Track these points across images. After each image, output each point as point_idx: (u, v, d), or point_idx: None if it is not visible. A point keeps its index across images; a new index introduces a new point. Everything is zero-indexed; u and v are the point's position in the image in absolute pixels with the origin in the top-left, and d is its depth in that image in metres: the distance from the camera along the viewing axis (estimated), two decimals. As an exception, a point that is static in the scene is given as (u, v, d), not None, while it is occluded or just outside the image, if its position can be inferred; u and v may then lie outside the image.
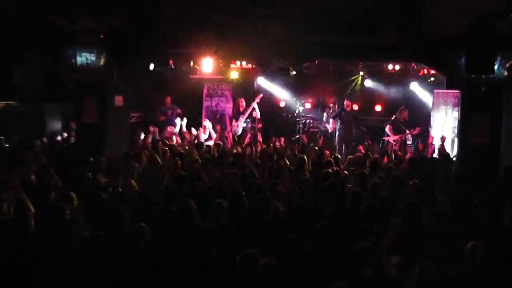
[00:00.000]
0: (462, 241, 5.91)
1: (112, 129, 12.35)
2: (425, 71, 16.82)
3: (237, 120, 16.26)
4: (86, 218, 6.96)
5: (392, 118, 15.70)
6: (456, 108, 12.82)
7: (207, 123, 16.24)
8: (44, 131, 14.63)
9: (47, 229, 6.27)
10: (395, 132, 15.33)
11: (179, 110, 16.71)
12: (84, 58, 11.50)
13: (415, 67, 16.71)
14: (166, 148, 11.54)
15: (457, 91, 12.32)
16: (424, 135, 15.62)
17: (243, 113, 16.19)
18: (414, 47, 11.56)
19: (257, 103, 16.16)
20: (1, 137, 12.87)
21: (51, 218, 6.39)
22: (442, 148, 12.64)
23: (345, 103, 16.16)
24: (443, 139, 12.02)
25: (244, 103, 16.34)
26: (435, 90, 15.76)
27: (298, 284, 5.39)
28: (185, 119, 16.35)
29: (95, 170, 8.90)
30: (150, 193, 8.20)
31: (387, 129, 15.59)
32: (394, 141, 15.17)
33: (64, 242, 5.97)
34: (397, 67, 16.37)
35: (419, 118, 16.26)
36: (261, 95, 16.45)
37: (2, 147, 12.22)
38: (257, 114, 16.30)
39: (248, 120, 16.30)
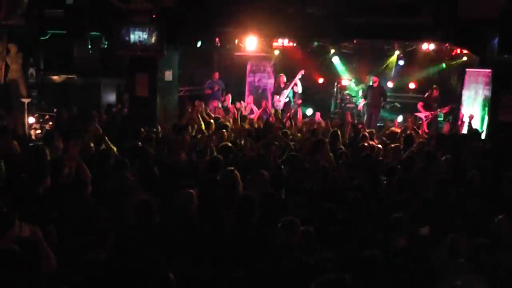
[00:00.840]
0: (490, 215, 5.84)
1: (162, 102, 12.50)
2: (458, 51, 16.45)
3: (278, 95, 16.19)
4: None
5: (425, 96, 15.52)
6: (487, 87, 12.54)
7: (249, 99, 16.21)
8: (100, 103, 14.86)
9: (106, 193, 6.45)
10: (426, 109, 15.13)
11: (216, 86, 16.78)
12: (137, 36, 11.61)
13: (448, 47, 16.35)
14: (212, 120, 11.61)
15: (489, 70, 12.07)
16: (454, 112, 15.36)
17: (284, 88, 16.12)
18: (448, 28, 11.36)
19: (299, 79, 16.08)
20: (62, 108, 13.13)
21: (109, 183, 6.57)
22: (471, 125, 12.41)
23: (372, 79, 16.01)
24: (471, 117, 11.78)
25: (285, 79, 16.25)
26: (467, 69, 15.42)
27: (333, 251, 5.40)
28: (229, 94, 16.40)
29: (147, 141, 9.00)
30: (197, 162, 8.28)
31: (419, 105, 15.41)
32: (425, 117, 14.97)
33: (122, 204, 6.13)
34: (432, 46, 16.04)
35: (450, 96, 15.98)
36: (303, 71, 16.31)
37: (63, 117, 12.45)
38: (299, 89, 16.21)
39: (289, 96, 16.22)
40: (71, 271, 4.82)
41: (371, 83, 16.38)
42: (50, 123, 13.45)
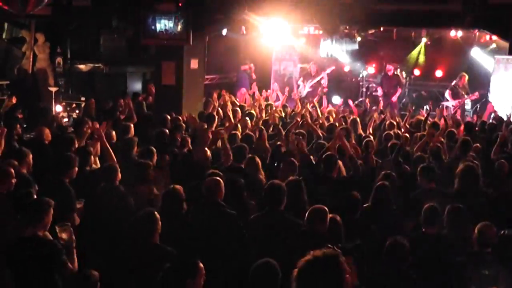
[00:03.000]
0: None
1: (187, 90, 12.56)
2: (487, 38, 16.21)
3: (305, 81, 16.15)
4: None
5: (452, 84, 15.31)
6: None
7: (275, 86, 16.19)
8: (126, 91, 15.01)
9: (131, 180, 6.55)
10: (454, 97, 14.94)
11: (253, 73, 16.81)
12: (163, 25, 11.67)
13: (477, 34, 16.13)
14: (238, 108, 11.65)
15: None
16: (483, 100, 15.16)
17: (313, 77, 16.06)
18: (477, 14, 11.20)
19: (327, 73, 16.07)
20: (92, 99, 13.29)
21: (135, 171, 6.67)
22: (497, 114, 12.27)
23: (386, 67, 15.91)
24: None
25: (315, 67, 16.17)
26: (496, 56, 15.19)
27: (359, 238, 5.41)
28: (255, 83, 16.44)
29: (174, 129, 9.06)
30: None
31: (446, 94, 15.22)
32: (452, 106, 14.82)
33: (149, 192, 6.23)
34: (460, 33, 15.83)
35: (479, 84, 15.76)
36: (333, 67, 16.29)
37: (90, 106, 12.57)
38: (325, 82, 16.18)
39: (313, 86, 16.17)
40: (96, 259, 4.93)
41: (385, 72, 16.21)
42: (77, 111, 13.62)
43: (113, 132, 8.46)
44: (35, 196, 5.32)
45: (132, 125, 8.96)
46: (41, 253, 4.62)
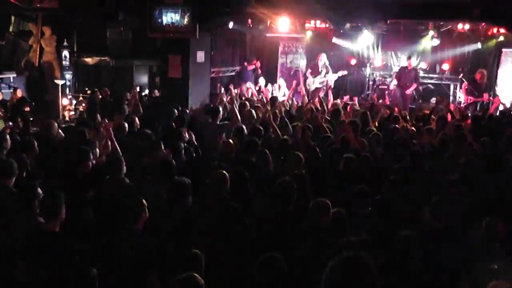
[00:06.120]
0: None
1: (194, 83, 12.54)
2: (494, 31, 16.07)
3: (314, 75, 16.06)
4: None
5: (469, 80, 15.07)
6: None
7: (281, 82, 16.14)
8: (132, 84, 15.01)
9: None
10: (468, 94, 14.74)
11: (259, 69, 16.77)
12: (169, 18, 11.63)
13: (484, 26, 15.99)
14: (245, 102, 11.62)
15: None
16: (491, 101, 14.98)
17: (320, 71, 15.97)
18: (484, 6, 11.09)
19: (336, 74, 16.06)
20: (96, 90, 13.29)
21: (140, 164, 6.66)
22: (506, 107, 12.18)
23: (408, 62, 15.90)
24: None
25: (323, 58, 16.08)
26: (503, 49, 15.10)
27: (366, 232, 5.38)
28: (261, 78, 16.41)
29: (180, 124, 9.04)
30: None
31: (462, 89, 15.01)
32: (463, 101, 14.67)
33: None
34: (467, 26, 15.70)
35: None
36: (346, 72, 16.26)
37: (96, 100, 12.59)
38: (332, 81, 16.16)
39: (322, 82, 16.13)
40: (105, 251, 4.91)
41: (406, 65, 16.13)
42: (84, 104, 13.64)
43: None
44: (39, 190, 5.30)
45: (137, 118, 8.96)
46: (56, 248, 4.62)
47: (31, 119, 10.98)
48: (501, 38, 16.10)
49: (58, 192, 4.99)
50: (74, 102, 14.29)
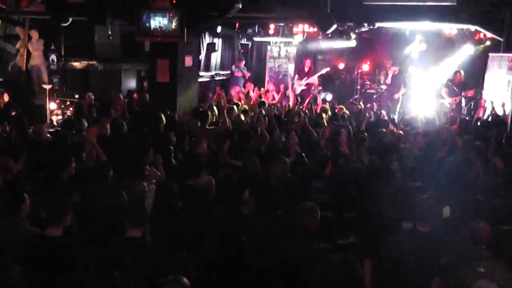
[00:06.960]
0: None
1: (182, 88, 12.53)
2: (481, 35, 16.20)
3: (300, 79, 16.16)
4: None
5: (448, 80, 15.30)
6: (511, 72, 12.37)
7: (270, 87, 16.24)
8: (120, 88, 14.96)
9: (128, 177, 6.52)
10: (450, 95, 14.92)
11: (247, 73, 16.80)
12: (157, 22, 11.60)
13: (471, 31, 16.11)
14: (234, 106, 11.64)
15: (512, 55, 11.91)
16: (477, 98, 15.13)
17: (307, 74, 16.08)
18: (471, 10, 11.20)
19: (320, 74, 16.14)
20: (90, 93, 13.24)
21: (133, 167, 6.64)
22: (495, 111, 12.26)
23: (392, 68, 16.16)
24: (503, 105, 11.56)
25: (310, 63, 16.20)
26: (490, 54, 15.19)
27: (354, 236, 5.40)
28: (249, 82, 16.46)
29: (168, 128, 9.03)
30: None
31: (443, 92, 15.19)
32: (449, 103, 14.81)
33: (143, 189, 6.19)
34: (454, 31, 15.83)
35: (474, 81, 15.75)
36: (328, 68, 16.36)
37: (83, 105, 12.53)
38: (315, 81, 16.29)
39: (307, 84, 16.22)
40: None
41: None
42: (71, 109, 13.57)
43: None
44: (26, 195, 5.26)
45: (124, 123, 8.94)
46: (60, 253, 4.58)
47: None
48: (488, 43, 16.23)
49: (65, 197, 4.97)
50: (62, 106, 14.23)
